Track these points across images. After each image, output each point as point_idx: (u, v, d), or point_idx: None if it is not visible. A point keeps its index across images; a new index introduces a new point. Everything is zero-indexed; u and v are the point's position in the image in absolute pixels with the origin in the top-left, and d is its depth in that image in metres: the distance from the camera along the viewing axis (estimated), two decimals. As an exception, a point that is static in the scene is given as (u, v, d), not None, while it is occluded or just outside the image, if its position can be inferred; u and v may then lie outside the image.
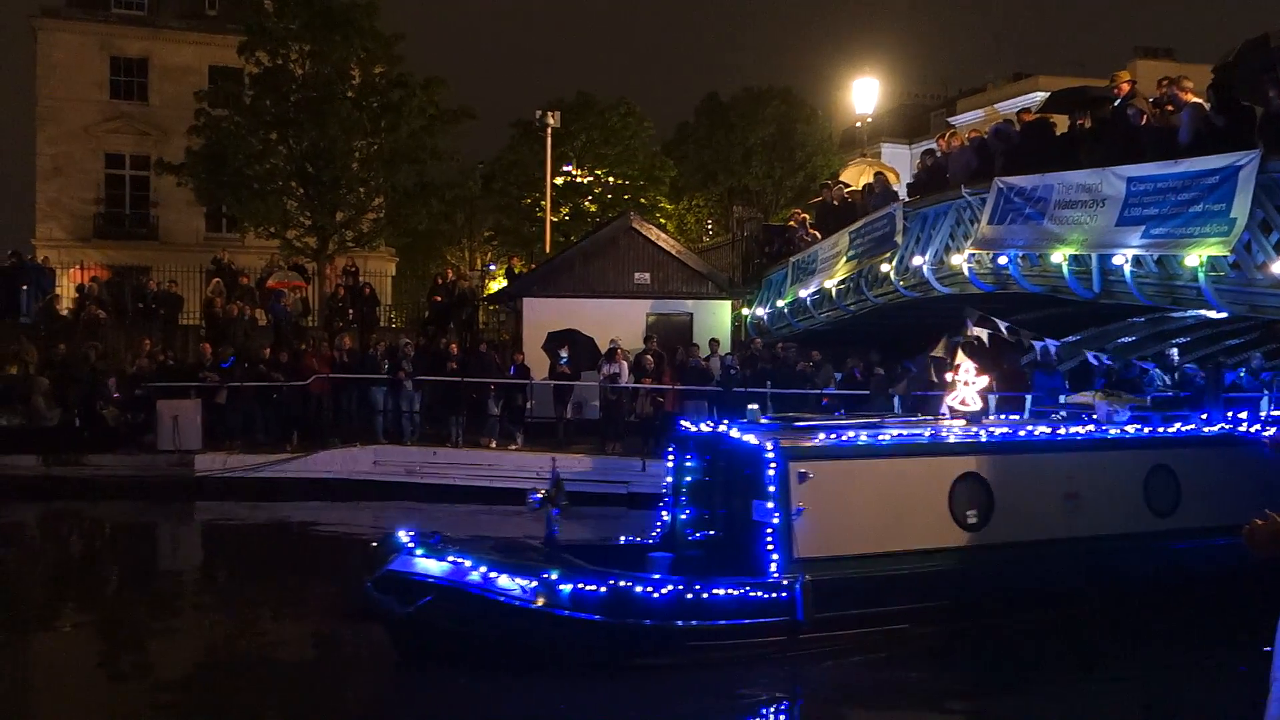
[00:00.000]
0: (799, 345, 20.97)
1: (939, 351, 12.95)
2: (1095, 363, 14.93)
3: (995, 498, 10.66)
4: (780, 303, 21.83)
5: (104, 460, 19.83)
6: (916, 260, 17.05)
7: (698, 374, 20.53)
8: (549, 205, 35.94)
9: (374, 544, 9.86)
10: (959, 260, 15.98)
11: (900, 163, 40.70)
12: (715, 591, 9.46)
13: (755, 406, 11.52)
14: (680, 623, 9.34)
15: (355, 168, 29.43)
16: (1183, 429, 12.10)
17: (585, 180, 42.54)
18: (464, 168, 33.85)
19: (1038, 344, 13.87)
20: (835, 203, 21.69)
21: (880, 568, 10.04)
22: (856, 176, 24.57)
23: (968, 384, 11.87)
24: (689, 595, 9.37)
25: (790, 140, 44.88)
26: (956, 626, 10.27)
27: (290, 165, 29.02)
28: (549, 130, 33.72)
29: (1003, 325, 13.35)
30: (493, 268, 47.76)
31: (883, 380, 18.97)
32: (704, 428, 11.28)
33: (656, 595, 9.28)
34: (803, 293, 20.69)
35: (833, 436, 10.42)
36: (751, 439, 10.30)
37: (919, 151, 21.56)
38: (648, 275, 23.58)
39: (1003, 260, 15.04)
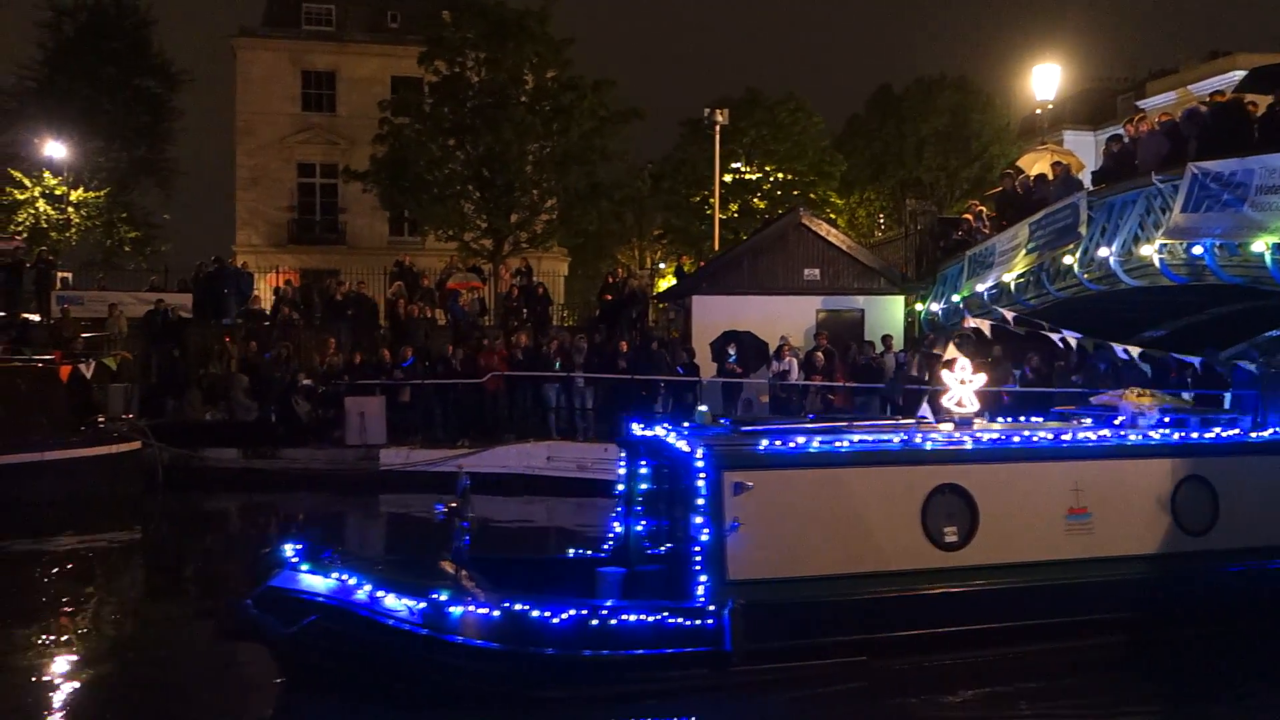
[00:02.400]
0: (976, 341, 20.34)
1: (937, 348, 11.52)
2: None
3: (980, 513, 9.35)
4: (956, 297, 21.24)
5: (297, 454, 20.98)
6: (1102, 252, 16.33)
7: (871, 371, 20.18)
8: (717, 203, 35.96)
9: (262, 553, 9.13)
10: (1149, 251, 15.23)
11: (1084, 150, 38.94)
12: (625, 618, 8.38)
13: (705, 408, 10.36)
14: (588, 652, 8.32)
15: (528, 171, 30.17)
16: (1225, 435, 10.52)
17: (754, 177, 42.36)
18: (633, 168, 34.28)
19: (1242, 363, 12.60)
20: (1019, 190, 20.92)
21: (832, 592, 8.85)
22: (1033, 165, 23.68)
23: (964, 382, 10.42)
24: (594, 622, 8.31)
25: (965, 130, 43.57)
26: (926, 660, 9.07)
27: (467, 170, 30.00)
28: (717, 128, 33.72)
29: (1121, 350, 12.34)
30: (662, 266, 48.11)
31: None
32: (649, 431, 10.10)
33: (556, 621, 8.24)
34: (979, 287, 20.08)
35: (778, 443, 9.12)
36: (683, 444, 9.16)
37: (1104, 138, 20.59)
38: (817, 271, 23.30)
39: (1198, 250, 14.25)
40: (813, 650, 8.78)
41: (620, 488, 10.43)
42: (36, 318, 25.50)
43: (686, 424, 10.03)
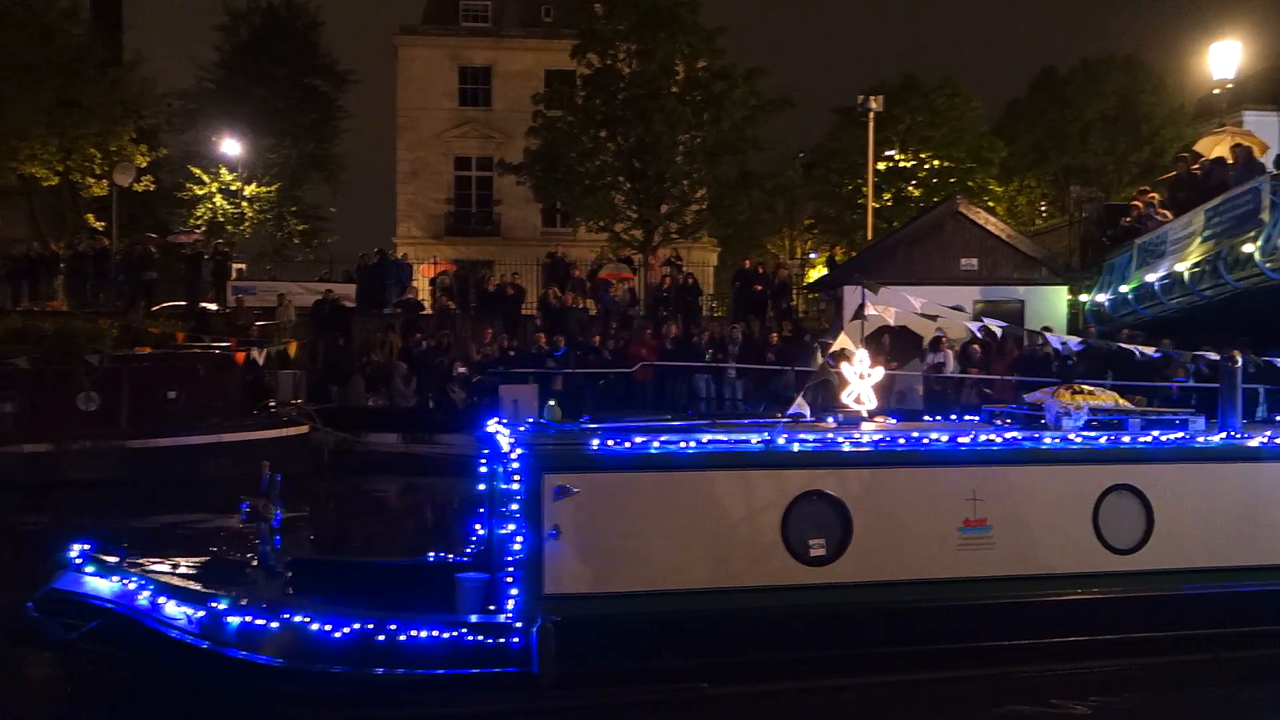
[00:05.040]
0: (1145, 334, 19.45)
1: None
2: None
3: (853, 524, 8.28)
4: (1124, 288, 20.33)
5: (454, 439, 21.54)
6: (1287, 239, 15.36)
7: (1034, 364, 19.49)
8: (871, 191, 35.27)
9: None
10: (1340, 238, 14.25)
11: (1266, 131, 36.57)
12: (415, 634, 7.55)
13: (553, 403, 9.55)
14: (380, 670, 7.53)
15: (679, 161, 30.19)
16: (1163, 439, 9.18)
17: (909, 164, 41.45)
18: (785, 156, 33.86)
19: None
20: (1196, 174, 19.84)
21: (666, 610, 7.91)
22: (1211, 148, 22.45)
23: (863, 376, 9.40)
24: (381, 637, 7.51)
25: (1134, 113, 41.67)
26: (780, 688, 8.06)
27: (618, 161, 30.24)
28: (871, 115, 33.10)
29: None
30: (813, 256, 47.58)
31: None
32: (492, 428, 9.26)
33: (339, 636, 7.50)
34: (1150, 277, 19.17)
35: (611, 442, 8.14)
36: (504, 443, 8.31)
37: (1291, 118, 19.39)
38: (975, 261, 22.65)
39: (1396, 237, 13.24)
40: (642, 675, 7.89)
41: (481, 487, 9.50)
42: (214, 307, 26.95)
43: (538, 420, 9.29)
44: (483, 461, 9.50)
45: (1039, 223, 39.75)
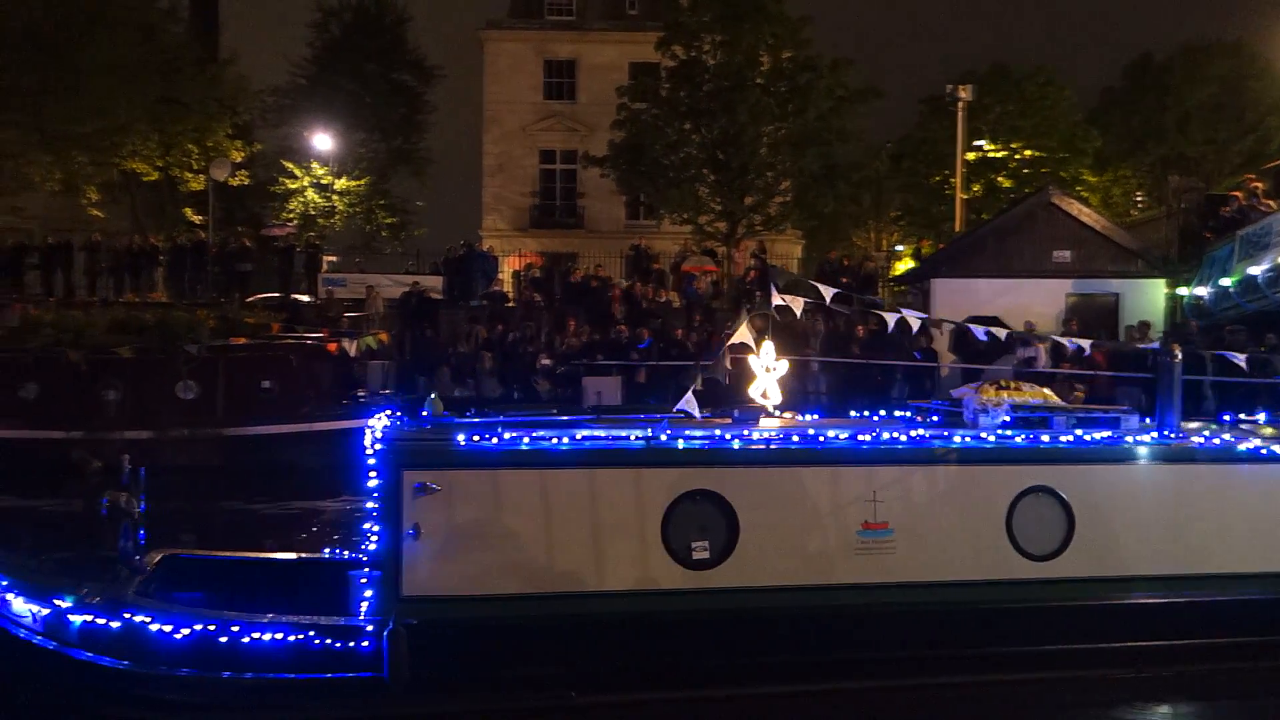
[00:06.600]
0: (1248, 329, 18.83)
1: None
2: None
3: (740, 525, 7.80)
4: (1225, 281, 19.70)
5: (538, 431, 21.72)
6: (1402, 230, 14.73)
7: (1135, 359, 18.96)
8: (959, 182, 34.65)
9: None
10: None
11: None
12: (259, 636, 7.20)
13: (434, 396, 9.19)
14: (227, 674, 7.21)
15: (764, 153, 30.03)
16: (1088, 438, 8.55)
17: (999, 155, 40.63)
18: (871, 148, 33.41)
19: None
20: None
21: (531, 614, 7.55)
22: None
23: (769, 369, 9.02)
24: (223, 639, 7.19)
25: (1239, 100, 40.21)
26: (655, 697, 7.70)
27: (702, 153, 30.18)
28: (961, 104, 32.51)
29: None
30: (899, 249, 46.92)
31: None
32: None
33: (179, 637, 7.18)
34: (1253, 270, 18.55)
35: (477, 438, 7.78)
36: (368, 437, 7.99)
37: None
38: (1068, 253, 22.15)
39: None
40: (505, 682, 7.58)
41: (375, 483, 9.11)
42: (306, 298, 27.54)
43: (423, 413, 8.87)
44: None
45: (1134, 214, 38.69)
